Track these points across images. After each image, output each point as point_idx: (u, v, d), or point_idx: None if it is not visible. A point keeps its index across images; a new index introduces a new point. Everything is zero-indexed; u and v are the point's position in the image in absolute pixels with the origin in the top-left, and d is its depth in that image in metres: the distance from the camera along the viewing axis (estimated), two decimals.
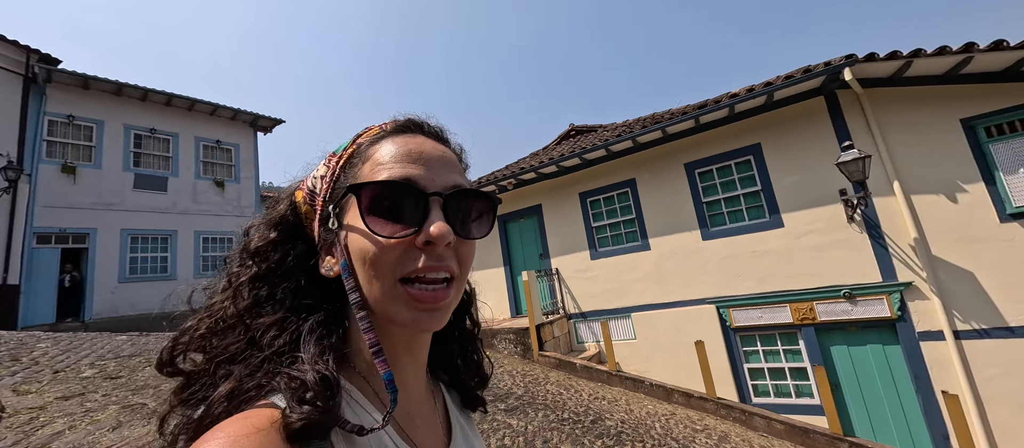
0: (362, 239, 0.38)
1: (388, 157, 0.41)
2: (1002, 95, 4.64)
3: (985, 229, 4.65)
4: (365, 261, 0.38)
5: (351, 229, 0.40)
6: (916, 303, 4.91)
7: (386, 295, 0.38)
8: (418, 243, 0.38)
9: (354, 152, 0.43)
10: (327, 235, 0.42)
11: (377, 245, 0.38)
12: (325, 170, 0.44)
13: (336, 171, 0.43)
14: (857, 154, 4.73)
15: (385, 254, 0.38)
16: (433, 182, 0.40)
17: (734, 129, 6.18)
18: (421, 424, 0.45)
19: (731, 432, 4.32)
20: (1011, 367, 4.45)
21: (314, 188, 0.44)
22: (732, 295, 6.00)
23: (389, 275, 0.38)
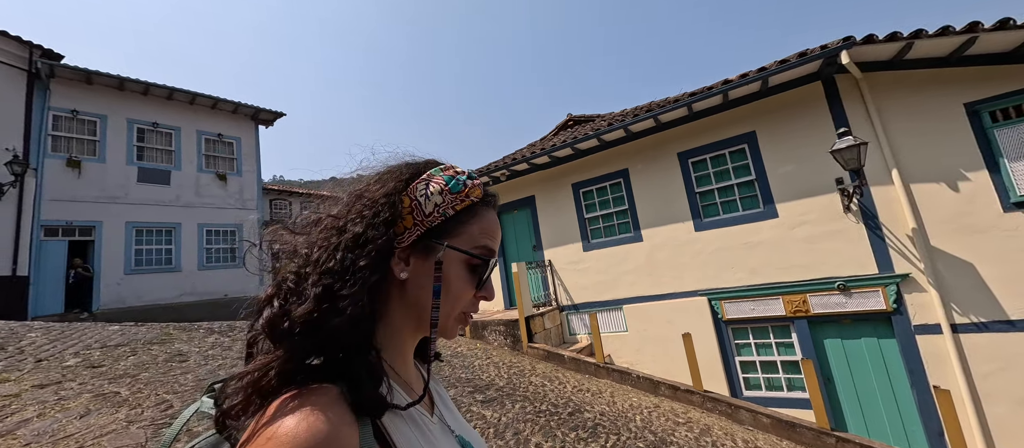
0: (458, 282, 0.52)
1: (491, 229, 0.55)
2: (1008, 78, 4.41)
3: (987, 219, 4.46)
4: (454, 292, 0.52)
5: (452, 268, 0.52)
6: (913, 296, 4.75)
7: (454, 318, 0.53)
8: (478, 296, 0.54)
9: (470, 205, 0.54)
10: (418, 252, 0.51)
11: (464, 291, 0.52)
12: (440, 199, 0.52)
13: (447, 211, 0.52)
14: (853, 141, 4.55)
15: (468, 295, 0.53)
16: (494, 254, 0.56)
17: (728, 117, 6.00)
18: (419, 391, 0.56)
19: (714, 425, 4.25)
20: (1010, 362, 4.28)
21: (424, 206, 0.52)
22: (724, 287, 5.88)
23: (461, 308, 0.53)
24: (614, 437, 3.44)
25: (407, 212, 0.52)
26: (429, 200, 0.52)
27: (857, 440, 4.03)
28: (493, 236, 0.55)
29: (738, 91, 5.66)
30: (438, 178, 0.53)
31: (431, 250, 0.51)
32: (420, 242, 0.51)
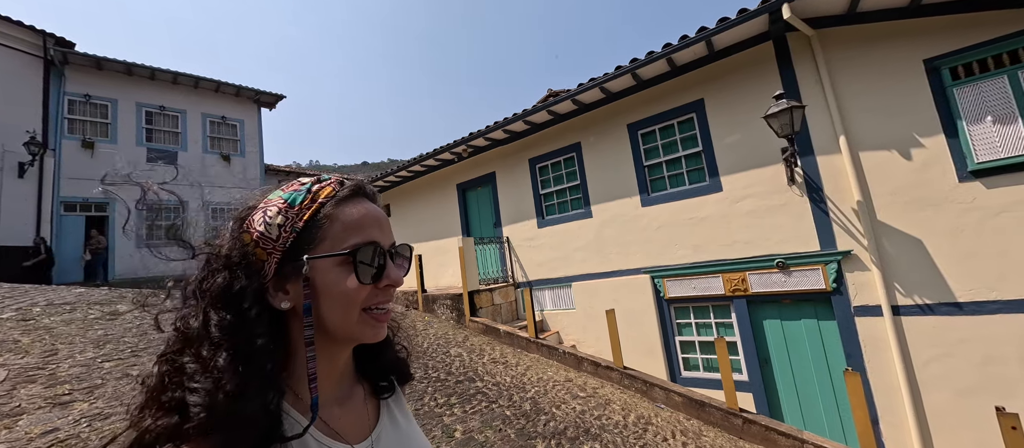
0: (339, 283, 0.50)
1: (356, 221, 0.53)
2: (974, 27, 3.85)
3: (941, 190, 3.99)
4: (338, 299, 0.50)
5: (326, 275, 0.50)
6: (854, 274, 4.36)
7: (354, 321, 0.51)
8: (380, 287, 0.53)
9: (317, 209, 0.52)
10: (284, 276, 0.50)
11: (354, 288, 0.50)
12: (282, 220, 0.51)
13: (296, 223, 0.51)
14: (785, 104, 4.16)
15: (359, 294, 0.50)
16: (385, 240, 0.54)
17: (678, 85, 5.63)
18: (345, 414, 0.56)
19: (617, 399, 4.15)
20: (954, 348, 3.88)
21: (269, 234, 0.51)
22: (666, 265, 5.63)
23: (357, 308, 0.51)
24: (486, 404, 3.44)
25: (255, 247, 0.51)
26: (271, 225, 0.51)
27: (763, 422, 3.80)
28: (361, 228, 0.52)
29: (684, 56, 5.27)
30: (275, 201, 0.53)
31: (297, 271, 0.50)
32: (284, 268, 0.50)
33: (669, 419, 3.96)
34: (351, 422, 0.56)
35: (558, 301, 6.80)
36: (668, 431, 3.62)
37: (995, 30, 3.76)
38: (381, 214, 0.57)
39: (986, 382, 3.74)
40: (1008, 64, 3.74)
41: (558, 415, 3.48)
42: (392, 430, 0.60)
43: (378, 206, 0.58)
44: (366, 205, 0.55)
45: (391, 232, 0.57)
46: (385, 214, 0.58)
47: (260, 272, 0.50)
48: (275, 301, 0.50)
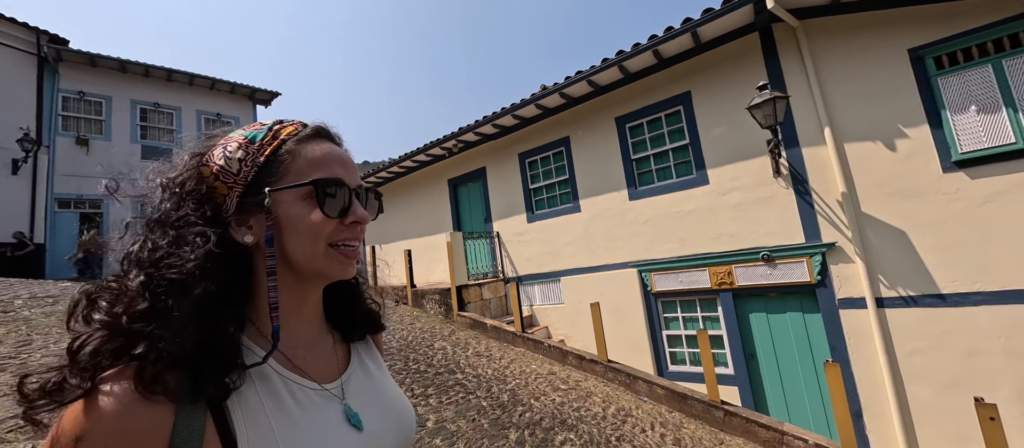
0: (303, 216, 0.50)
1: (320, 158, 0.53)
2: (958, 16, 3.81)
3: (924, 181, 3.95)
4: (304, 232, 0.50)
5: (289, 208, 0.50)
6: (839, 267, 4.33)
7: (319, 255, 0.51)
8: (346, 223, 0.53)
9: (277, 146, 0.52)
10: (244, 211, 0.50)
11: (318, 221, 0.50)
12: (243, 154, 0.51)
13: (258, 158, 0.51)
14: (768, 95, 4.12)
15: (324, 227, 0.51)
16: (351, 180, 0.55)
17: (665, 77, 5.59)
18: (313, 357, 0.56)
19: (598, 391, 4.13)
20: (938, 341, 3.85)
21: (230, 167, 0.50)
22: (654, 258, 5.60)
23: (322, 243, 0.51)
24: (464, 395, 3.43)
25: (214, 181, 0.51)
26: (231, 159, 0.51)
27: (743, 414, 3.78)
28: (324, 164, 0.53)
29: (670, 48, 5.24)
30: (236, 137, 0.53)
31: (259, 203, 0.50)
32: (245, 202, 0.50)
33: (651, 412, 3.94)
34: (320, 365, 0.56)
35: (547, 296, 6.78)
36: (647, 423, 3.60)
37: (980, 18, 3.72)
38: (346, 155, 0.57)
39: (970, 374, 3.71)
40: (992, 52, 3.70)
41: (536, 406, 3.46)
42: (363, 376, 0.60)
43: (343, 149, 0.58)
44: (329, 145, 0.56)
45: (357, 175, 0.57)
46: (351, 157, 0.58)
47: (221, 206, 0.50)
48: (237, 235, 0.50)
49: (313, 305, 0.58)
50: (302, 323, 0.56)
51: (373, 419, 0.55)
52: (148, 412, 0.40)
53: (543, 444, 2.84)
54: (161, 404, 0.41)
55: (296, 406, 0.49)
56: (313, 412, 0.50)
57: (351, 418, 0.53)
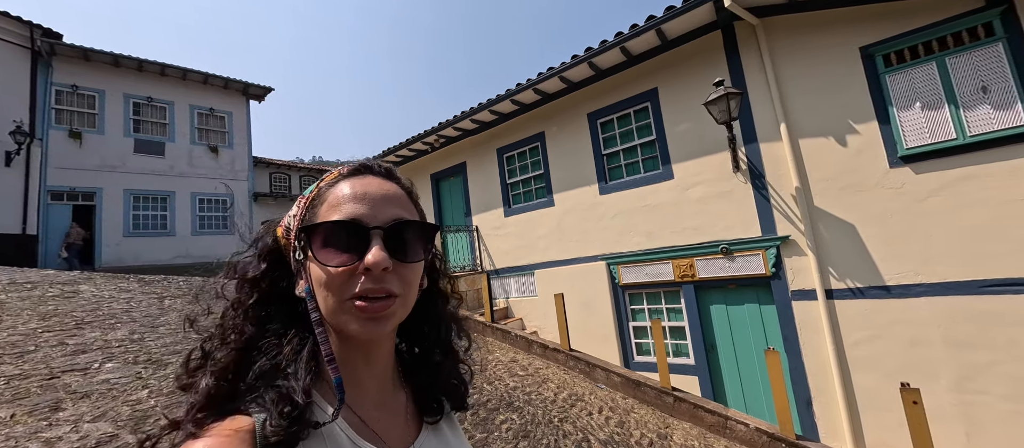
0: (317, 267, 0.47)
1: (339, 199, 0.49)
2: (906, 14, 3.90)
3: (872, 176, 4.05)
4: (321, 285, 0.47)
5: (312, 260, 0.48)
6: (792, 259, 4.44)
7: (338, 310, 0.46)
8: (359, 270, 0.46)
9: (316, 195, 0.52)
10: (296, 264, 0.51)
11: (326, 272, 0.46)
12: (296, 210, 0.52)
13: (304, 210, 0.51)
14: (721, 91, 4.23)
15: (335, 279, 0.46)
16: (374, 217, 0.48)
17: (634, 74, 5.70)
18: (385, 417, 0.52)
19: (555, 378, 4.26)
20: (883, 331, 3.96)
21: (289, 225, 0.53)
22: (621, 251, 5.72)
23: (339, 295, 0.46)
24: None
25: (284, 240, 0.53)
26: (291, 217, 0.52)
27: (692, 400, 3.91)
28: (338, 205, 0.49)
29: (638, 45, 5.34)
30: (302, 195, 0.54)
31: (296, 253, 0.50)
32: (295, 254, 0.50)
33: (604, 398, 4.07)
34: (391, 427, 0.52)
35: (522, 289, 6.91)
36: (596, 407, 3.73)
37: (926, 17, 3.82)
38: (378, 188, 0.51)
39: (912, 363, 3.82)
40: (937, 51, 3.80)
41: (487, 390, 3.60)
42: (437, 443, 0.56)
43: (386, 180, 0.53)
44: (360, 180, 0.51)
45: (391, 208, 0.50)
46: (390, 187, 0.52)
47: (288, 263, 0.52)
48: (297, 290, 0.50)
49: (383, 360, 0.54)
50: (371, 379, 0.52)
51: None
52: None
53: (483, 423, 2.97)
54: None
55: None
56: None
57: None
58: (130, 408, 2.36)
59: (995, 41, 3.55)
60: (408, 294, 0.49)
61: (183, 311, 4.44)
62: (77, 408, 2.28)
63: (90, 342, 3.18)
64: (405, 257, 0.48)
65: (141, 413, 2.33)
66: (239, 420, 0.42)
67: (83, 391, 2.46)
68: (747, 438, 3.55)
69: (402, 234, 0.49)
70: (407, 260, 0.48)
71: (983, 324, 3.54)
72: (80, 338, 3.23)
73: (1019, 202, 3.44)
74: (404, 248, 0.49)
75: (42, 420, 2.12)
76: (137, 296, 4.83)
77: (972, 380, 3.57)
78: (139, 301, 4.60)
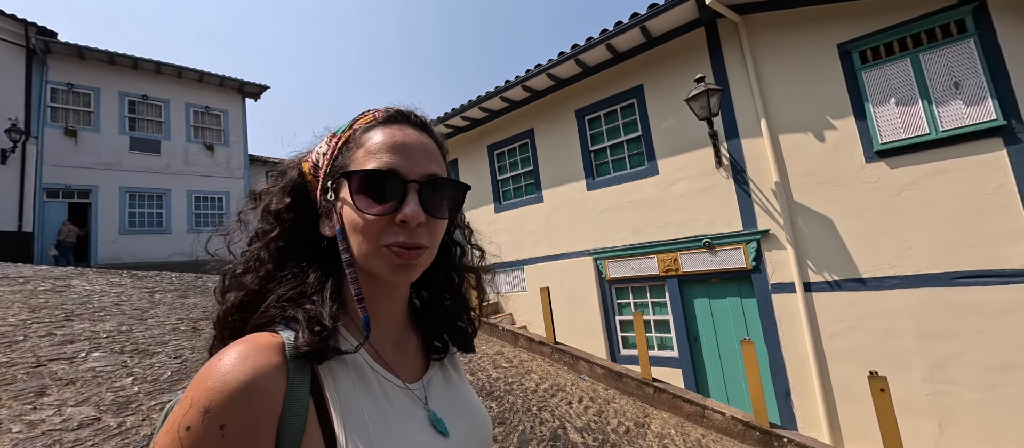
0: (353, 213, 0.47)
1: (377, 146, 0.49)
2: (881, 12, 3.97)
3: (849, 170, 4.13)
4: (356, 229, 0.48)
5: (346, 202, 0.48)
6: (772, 253, 4.52)
7: (371, 255, 0.47)
8: (396, 221, 0.47)
9: (350, 137, 0.51)
10: (326, 204, 0.51)
11: (364, 219, 0.47)
12: (326, 148, 0.52)
13: (335, 150, 0.51)
14: (702, 87, 4.30)
15: (371, 226, 0.47)
16: (412, 170, 0.48)
17: (620, 71, 5.76)
18: (398, 355, 0.54)
19: (538, 369, 4.34)
20: (859, 322, 4.04)
21: (317, 162, 0.53)
22: (608, 246, 5.80)
23: (374, 241, 0.47)
24: None
25: (310, 176, 0.53)
26: (318, 154, 0.53)
27: (671, 390, 3.99)
28: (378, 153, 0.49)
29: (624, 43, 5.41)
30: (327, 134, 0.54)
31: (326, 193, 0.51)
32: (325, 195, 0.51)
33: (586, 388, 4.15)
34: (404, 364, 0.55)
35: (512, 284, 6.99)
36: (576, 397, 3.80)
37: (901, 14, 3.88)
38: (415, 140, 0.51)
39: (886, 354, 3.90)
40: (911, 47, 3.87)
41: (470, 380, 3.67)
42: (443, 380, 0.58)
43: (422, 133, 0.53)
44: (399, 129, 0.51)
45: (428, 163, 0.50)
46: (427, 141, 0.52)
47: (313, 199, 0.53)
48: (324, 228, 0.51)
49: (400, 301, 0.56)
50: (389, 319, 0.54)
51: (456, 426, 0.53)
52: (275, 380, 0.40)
53: None
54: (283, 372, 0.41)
55: (387, 403, 0.48)
56: (402, 412, 0.49)
57: (437, 424, 0.51)
58: (114, 394, 2.43)
59: (967, 38, 3.62)
60: (434, 245, 0.51)
61: (173, 305, 4.51)
62: (61, 394, 2.35)
63: (78, 333, 3.24)
64: (437, 213, 0.49)
65: (124, 398, 2.40)
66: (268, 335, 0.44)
67: (69, 378, 2.53)
68: (723, 426, 3.63)
69: (436, 190, 0.50)
70: (438, 216, 0.50)
71: (953, 315, 3.62)
72: (69, 329, 3.30)
73: (988, 196, 3.52)
74: (436, 204, 0.50)
75: (27, 404, 2.19)
76: (128, 290, 4.90)
77: (943, 370, 3.65)
78: (130, 295, 4.67)
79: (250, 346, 0.41)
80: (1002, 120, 3.45)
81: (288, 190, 0.54)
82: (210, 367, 0.40)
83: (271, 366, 0.40)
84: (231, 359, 0.40)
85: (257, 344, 0.42)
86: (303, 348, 0.42)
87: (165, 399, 2.48)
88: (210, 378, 0.39)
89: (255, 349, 0.41)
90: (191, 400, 0.38)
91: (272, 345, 0.42)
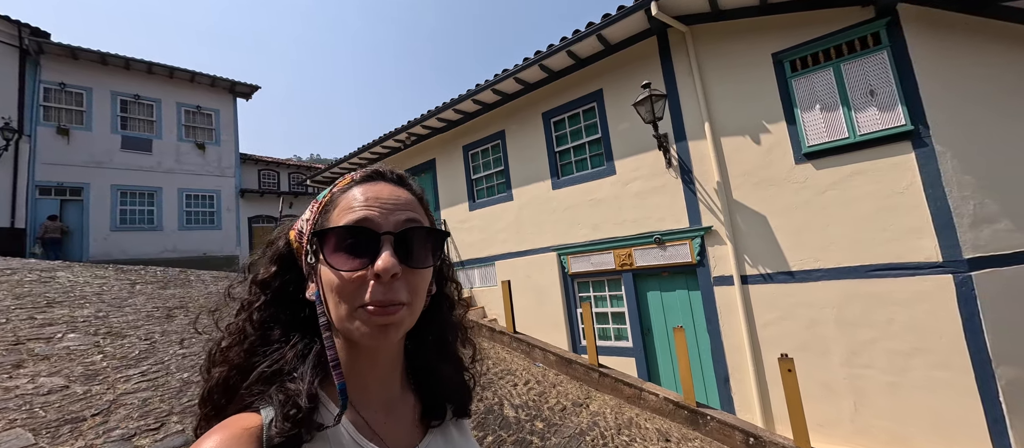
0: (328, 272, 0.46)
1: (350, 204, 0.49)
2: (811, 23, 4.28)
3: (781, 171, 4.44)
4: (332, 290, 0.46)
5: (323, 264, 0.47)
6: (715, 248, 4.83)
7: (347, 317, 0.45)
8: (369, 276, 0.45)
9: (329, 201, 0.51)
10: (308, 268, 0.51)
11: (338, 278, 0.45)
12: (309, 215, 0.53)
13: (317, 215, 0.51)
14: (647, 93, 4.60)
15: (346, 285, 0.45)
16: (386, 221, 0.47)
17: (582, 76, 6.07)
18: (390, 422, 0.52)
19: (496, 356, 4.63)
20: (789, 312, 4.35)
21: (301, 229, 0.53)
22: (570, 243, 6.10)
23: (350, 301, 0.45)
24: None
25: (296, 244, 0.53)
26: (304, 221, 0.53)
27: (614, 375, 4.29)
28: (351, 209, 0.48)
29: (584, 49, 5.70)
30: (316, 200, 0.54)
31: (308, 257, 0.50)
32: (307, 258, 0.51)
33: (536, 373, 4.45)
34: (396, 429, 0.52)
35: (485, 279, 7.28)
36: (523, 380, 4.10)
37: (826, 27, 4.19)
38: (389, 194, 0.51)
39: (811, 341, 4.21)
40: (834, 57, 4.18)
41: None
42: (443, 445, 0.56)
43: (397, 186, 0.53)
44: (372, 186, 0.51)
45: (402, 213, 0.49)
46: (401, 193, 0.52)
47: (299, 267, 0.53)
48: (307, 294, 0.51)
49: (389, 364, 0.53)
50: (376, 382, 0.52)
51: None
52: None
53: None
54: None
55: None
56: None
57: None
58: (84, 367, 2.72)
59: (881, 49, 3.93)
60: (416, 302, 0.48)
61: (151, 295, 4.80)
62: (37, 367, 2.64)
63: (58, 317, 3.53)
64: (415, 262, 0.48)
65: (93, 371, 2.69)
66: (248, 417, 0.43)
67: (44, 354, 2.82)
68: (656, 406, 3.94)
69: (412, 239, 0.48)
70: (417, 266, 0.48)
71: (869, 305, 3.93)
72: (49, 314, 3.59)
73: (899, 194, 3.83)
74: (414, 253, 0.48)
75: (4, 374, 2.47)
76: (111, 282, 5.18)
77: (859, 355, 3.96)
78: (111, 286, 4.95)
79: (225, 435, 0.41)
80: (910, 125, 3.76)
81: (274, 259, 0.54)
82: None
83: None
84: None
85: (233, 432, 0.41)
86: (276, 439, 0.41)
87: (130, 373, 2.77)
88: None
89: (231, 438, 0.40)
90: None
91: (248, 432, 0.41)
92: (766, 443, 3.45)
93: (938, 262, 3.64)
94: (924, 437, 3.65)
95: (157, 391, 2.58)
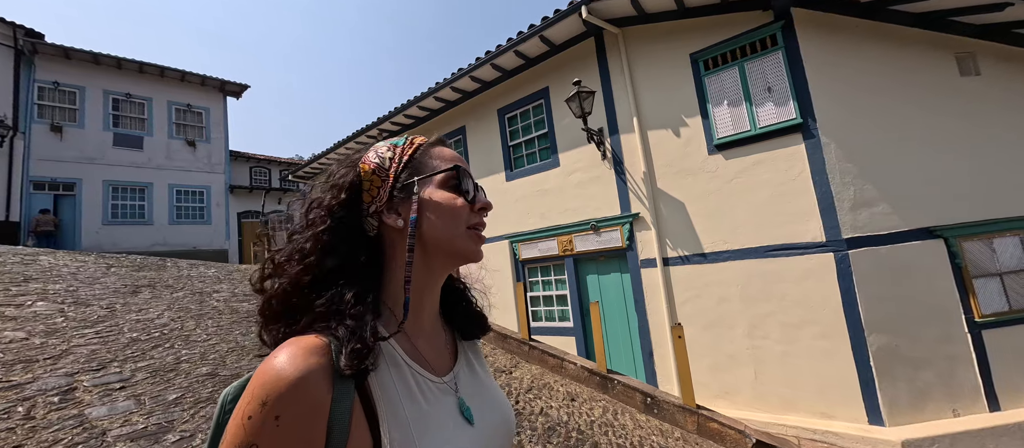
0: (445, 201, 0.57)
1: (449, 156, 0.61)
2: (721, 26, 4.68)
3: (696, 162, 4.83)
4: (447, 215, 0.56)
5: (433, 195, 0.57)
6: (641, 233, 5.23)
7: (461, 236, 0.58)
8: (476, 208, 0.59)
9: (418, 148, 0.60)
10: (396, 199, 0.57)
11: (456, 205, 0.57)
12: (391, 154, 0.59)
13: (403, 157, 0.59)
14: (574, 90, 5.00)
15: (461, 211, 0.57)
16: (473, 174, 0.62)
17: (533, 74, 6.46)
18: (430, 348, 0.59)
19: None
20: (702, 291, 4.75)
21: (383, 164, 0.58)
22: (521, 231, 6.51)
23: (463, 223, 0.58)
24: None
25: (368, 179, 0.58)
26: (384, 159, 0.59)
27: (541, 348, 4.70)
28: (453, 161, 0.60)
29: (530, 49, 6.10)
30: (380, 146, 0.61)
31: (407, 192, 0.57)
32: (396, 193, 0.57)
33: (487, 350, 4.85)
34: (436, 357, 0.59)
35: None
36: None
37: (733, 30, 4.59)
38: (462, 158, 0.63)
39: (721, 316, 4.61)
40: (739, 57, 4.58)
41: None
42: (470, 373, 0.64)
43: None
44: (447, 149, 0.63)
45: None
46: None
47: (372, 197, 0.57)
48: (388, 220, 0.56)
49: (435, 296, 0.62)
50: (428, 311, 0.60)
51: (482, 415, 0.58)
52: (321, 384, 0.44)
53: None
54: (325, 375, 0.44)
55: (423, 398, 0.52)
56: (436, 404, 0.53)
57: (464, 412, 0.56)
58: (45, 326, 3.14)
59: (777, 50, 4.32)
60: None
61: (123, 276, 5.22)
62: (3, 325, 3.06)
63: (31, 290, 3.96)
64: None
65: (53, 329, 3.11)
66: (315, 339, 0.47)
67: (12, 316, 3.24)
68: (574, 374, 4.34)
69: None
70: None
71: (767, 282, 4.33)
72: (24, 287, 4.01)
73: (792, 182, 4.23)
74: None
75: None
76: (89, 265, 5.61)
77: (758, 328, 4.36)
78: (88, 268, 5.38)
79: (298, 348, 0.45)
80: (800, 119, 4.15)
81: (345, 188, 0.58)
82: (266, 364, 0.44)
83: (318, 367, 0.44)
84: (282, 359, 0.44)
85: (304, 347, 0.45)
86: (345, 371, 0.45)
87: (86, 332, 3.19)
88: (266, 375, 0.43)
89: (303, 351, 0.45)
90: (252, 393, 0.43)
91: (318, 348, 0.45)
92: (660, 401, 3.86)
93: (822, 242, 4.03)
94: (809, 400, 4.04)
95: (106, 345, 3.00)
